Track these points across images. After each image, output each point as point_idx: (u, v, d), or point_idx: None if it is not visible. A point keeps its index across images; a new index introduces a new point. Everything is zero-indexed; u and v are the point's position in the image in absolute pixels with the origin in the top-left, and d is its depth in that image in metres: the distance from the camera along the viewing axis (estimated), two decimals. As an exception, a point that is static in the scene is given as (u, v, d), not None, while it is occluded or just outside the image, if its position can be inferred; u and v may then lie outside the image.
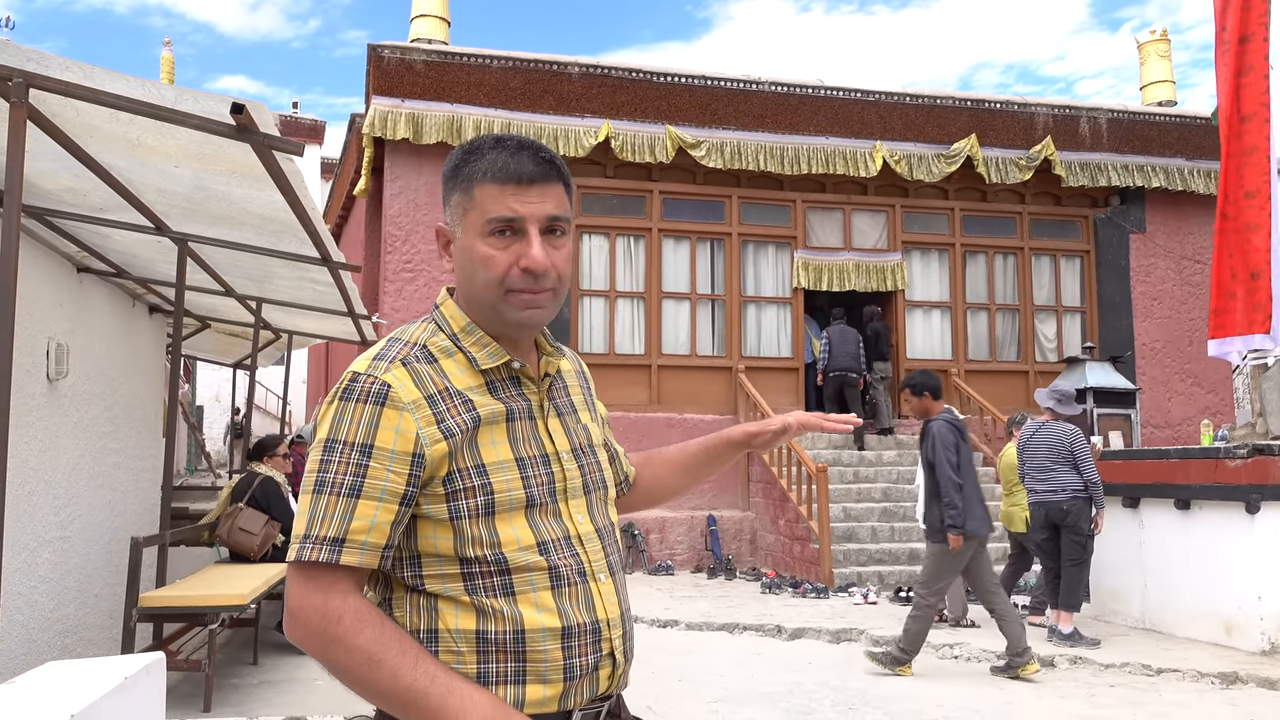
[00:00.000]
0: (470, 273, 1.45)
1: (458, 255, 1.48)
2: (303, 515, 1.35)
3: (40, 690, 2.79)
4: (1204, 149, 14.00)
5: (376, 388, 1.36)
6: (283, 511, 7.06)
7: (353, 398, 1.36)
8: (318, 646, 1.34)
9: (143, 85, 3.17)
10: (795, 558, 10.76)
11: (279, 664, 6.40)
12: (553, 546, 1.42)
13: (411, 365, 1.40)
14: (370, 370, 1.38)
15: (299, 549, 1.33)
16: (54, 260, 6.04)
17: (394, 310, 11.86)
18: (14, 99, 3.03)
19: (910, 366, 13.65)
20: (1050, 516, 7.34)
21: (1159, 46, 14.63)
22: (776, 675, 6.37)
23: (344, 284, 6.77)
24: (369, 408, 1.35)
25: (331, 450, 1.35)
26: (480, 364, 1.45)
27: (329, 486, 1.33)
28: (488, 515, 1.39)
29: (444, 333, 1.48)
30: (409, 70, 11.94)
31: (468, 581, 1.38)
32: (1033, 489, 7.48)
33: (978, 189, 13.99)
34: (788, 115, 12.96)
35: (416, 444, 1.35)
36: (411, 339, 1.46)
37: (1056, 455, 7.32)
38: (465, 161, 1.47)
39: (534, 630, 1.37)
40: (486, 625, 1.37)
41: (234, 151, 3.70)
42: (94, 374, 6.87)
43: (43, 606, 6.06)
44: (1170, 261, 14.39)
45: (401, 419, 1.35)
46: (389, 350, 1.43)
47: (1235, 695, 5.91)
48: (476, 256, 1.43)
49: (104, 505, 7.18)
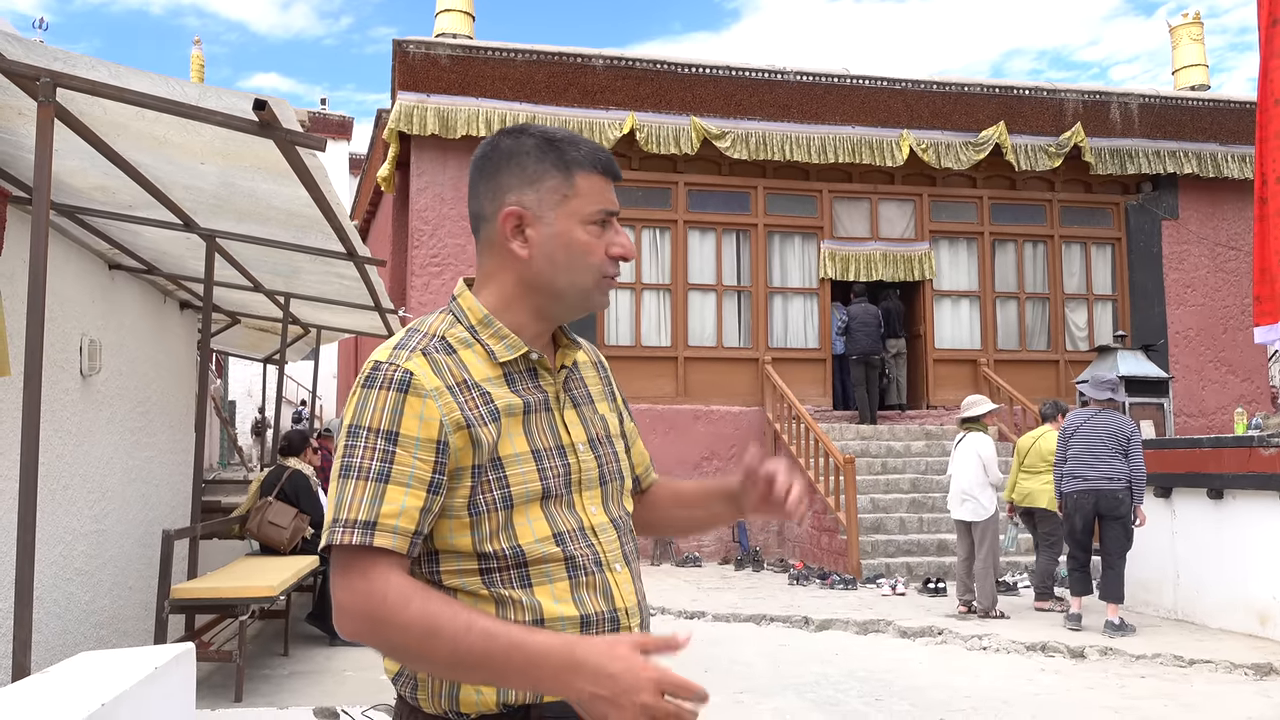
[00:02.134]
0: (563, 259, 1.46)
1: (545, 240, 1.46)
2: (332, 501, 1.36)
3: (73, 680, 2.84)
4: (1238, 133, 13.78)
5: (399, 375, 1.37)
6: (311, 505, 7.14)
7: (375, 385, 1.37)
8: (369, 631, 1.32)
9: (167, 83, 3.21)
10: (823, 549, 10.73)
11: (309, 655, 6.47)
12: (568, 537, 1.43)
13: (431, 355, 1.41)
14: (392, 359, 1.39)
15: (330, 533, 1.34)
16: (86, 257, 6.13)
17: (420, 304, 11.93)
18: (41, 98, 3.08)
19: (939, 357, 13.58)
20: (1101, 504, 7.22)
21: (1191, 30, 14.40)
22: (803, 666, 6.36)
23: (370, 278, 6.82)
24: (392, 394, 1.36)
25: (356, 436, 1.36)
26: (498, 356, 1.46)
27: (355, 471, 1.34)
28: (505, 509, 1.39)
29: (461, 324, 1.48)
30: (434, 65, 11.99)
31: (485, 576, 1.39)
32: (1082, 475, 7.29)
33: (1006, 177, 13.86)
34: (813, 105, 12.89)
35: (440, 431, 1.36)
36: (430, 330, 1.47)
37: (1114, 443, 7.24)
38: (560, 148, 1.47)
39: (552, 619, 1.38)
40: (506, 615, 1.37)
41: (258, 148, 3.73)
42: (126, 370, 6.97)
43: (79, 598, 6.17)
44: (1204, 248, 14.18)
45: (425, 406, 1.36)
46: (409, 340, 1.44)
47: (1269, 686, 5.84)
48: (576, 243, 1.45)
49: (138, 499, 7.29)
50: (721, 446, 12.49)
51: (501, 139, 1.52)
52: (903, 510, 11.01)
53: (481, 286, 1.52)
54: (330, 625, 6.88)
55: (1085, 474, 7.27)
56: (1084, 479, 7.27)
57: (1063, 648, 6.74)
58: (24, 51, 3.14)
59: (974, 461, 7.96)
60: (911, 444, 12.31)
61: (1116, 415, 7.46)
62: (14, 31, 3.50)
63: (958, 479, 8.13)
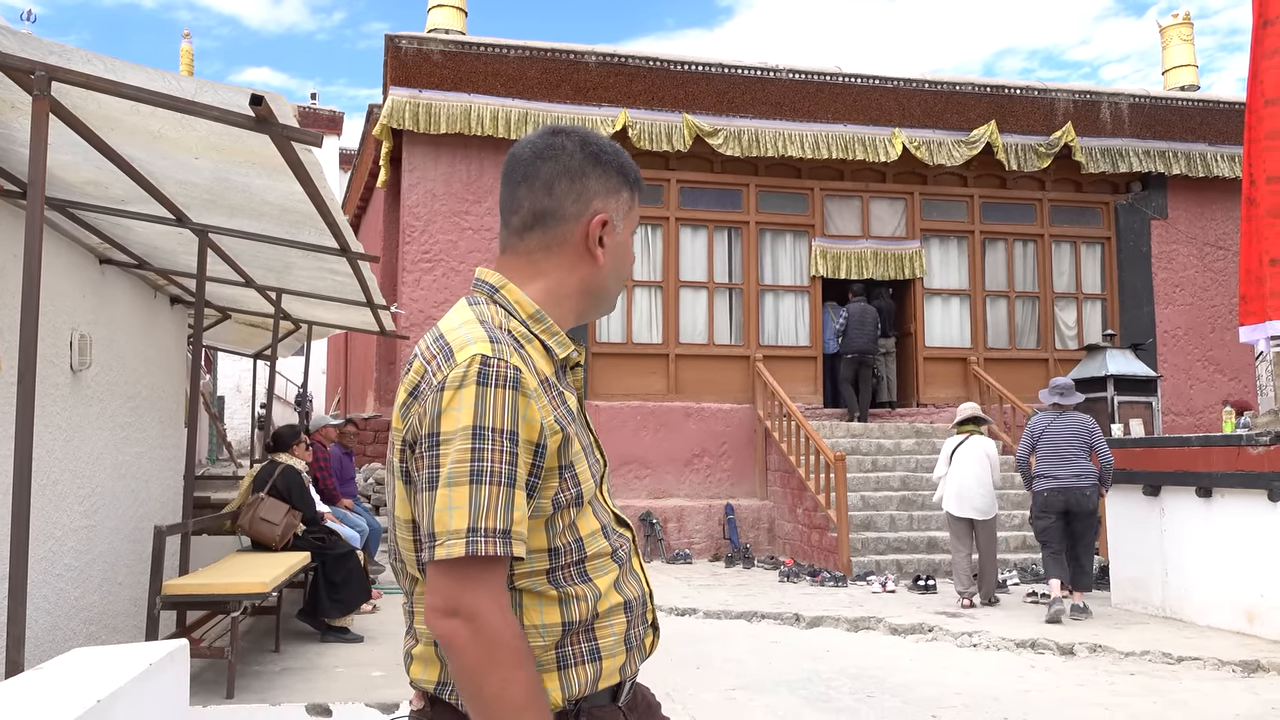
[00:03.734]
0: (619, 266, 1.56)
1: (615, 248, 1.54)
2: (462, 508, 1.26)
3: (67, 676, 2.84)
4: (1227, 134, 13.84)
5: (511, 373, 1.31)
6: (303, 501, 7.12)
7: (490, 382, 1.30)
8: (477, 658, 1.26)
9: (163, 78, 3.20)
10: (813, 546, 10.75)
11: (300, 651, 6.46)
12: (609, 531, 1.48)
13: (519, 352, 1.37)
14: (499, 354, 1.32)
15: (470, 543, 1.24)
16: (77, 252, 6.10)
17: (412, 300, 11.91)
18: (36, 92, 3.06)
19: (929, 355, 13.62)
20: (1070, 501, 7.72)
21: (1181, 30, 14.46)
22: (795, 663, 6.38)
23: (363, 274, 6.81)
24: (509, 393, 1.30)
25: (481, 437, 1.27)
26: (557, 353, 1.46)
27: (488, 476, 1.27)
28: (578, 505, 1.41)
29: (515, 319, 1.45)
30: (426, 61, 11.96)
31: (550, 575, 1.39)
32: (1053, 474, 7.82)
33: (997, 176, 13.90)
34: (806, 103, 12.90)
35: (541, 434, 1.33)
36: (497, 322, 1.41)
37: (1080, 442, 7.83)
38: (625, 164, 1.55)
39: (605, 609, 1.42)
40: (570, 615, 1.39)
41: (253, 143, 3.72)
42: (116, 365, 6.94)
43: (68, 594, 6.14)
44: (1193, 248, 14.25)
45: (529, 407, 1.32)
46: (492, 332, 1.37)
47: (1256, 684, 5.88)
48: (630, 254, 1.59)
49: (127, 494, 7.26)
50: (712, 444, 12.50)
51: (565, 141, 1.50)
52: (893, 508, 11.05)
53: (528, 281, 1.49)
54: (320, 621, 6.89)
55: (1055, 473, 7.81)
56: (1054, 478, 7.80)
57: (1052, 645, 6.77)
58: (19, 44, 3.12)
59: (983, 462, 8.36)
60: (902, 442, 12.34)
61: (1078, 415, 8.00)
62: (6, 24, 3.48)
63: (962, 479, 8.38)
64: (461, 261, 12.17)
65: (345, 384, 19.78)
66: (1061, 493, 7.72)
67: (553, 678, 1.37)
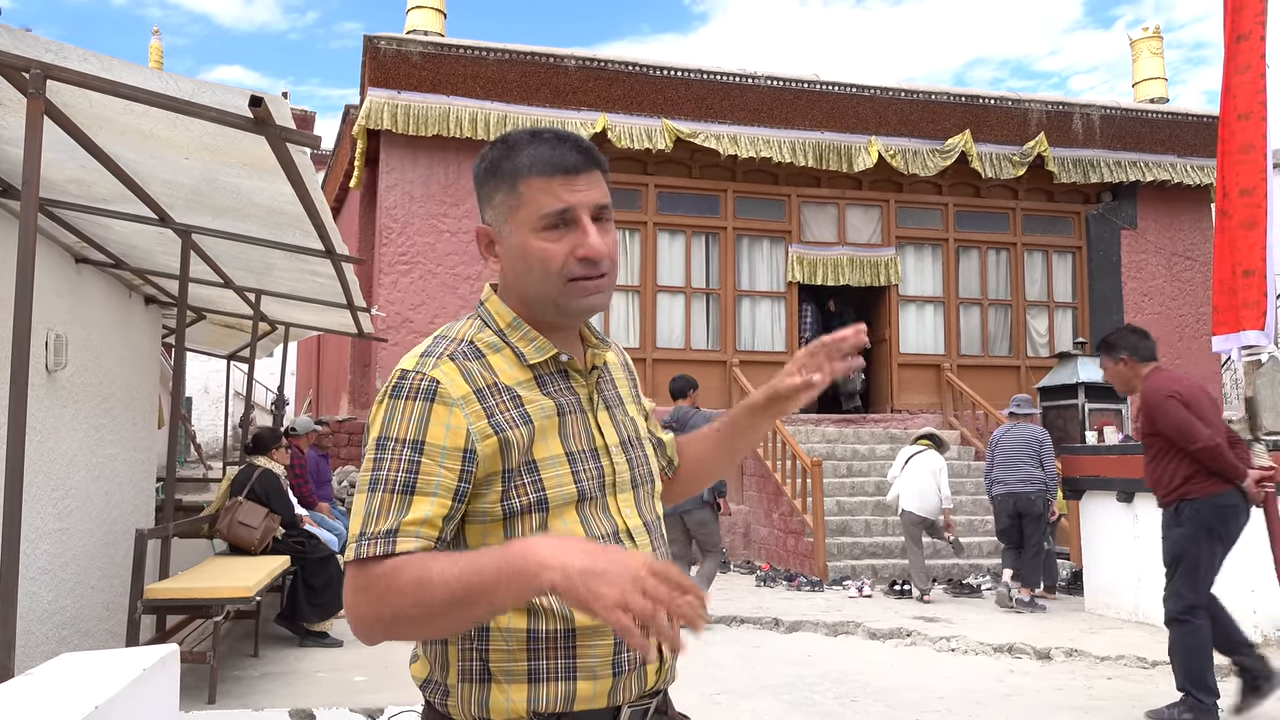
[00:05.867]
0: (524, 270, 1.45)
1: (507, 254, 1.47)
2: (358, 514, 1.34)
3: (59, 682, 2.80)
4: (1195, 146, 14.09)
5: (425, 384, 1.36)
6: (282, 504, 7.05)
7: (402, 395, 1.36)
8: (377, 617, 1.30)
9: (160, 77, 3.16)
10: (789, 551, 10.80)
11: (280, 656, 6.40)
12: (602, 542, 1.42)
13: (459, 361, 1.40)
14: (419, 367, 1.38)
15: (357, 546, 1.32)
16: (54, 251, 6.00)
17: (389, 303, 11.84)
18: (31, 90, 3.02)
19: (903, 361, 13.74)
20: (1019, 504, 8.50)
21: (1151, 44, 14.70)
22: (777, 668, 6.40)
23: (345, 276, 6.76)
24: (419, 404, 1.35)
25: (384, 448, 1.35)
26: (528, 359, 1.46)
27: (383, 484, 1.33)
28: (541, 511, 1.39)
29: (490, 329, 1.48)
30: (405, 62, 11.91)
31: None
32: (1003, 480, 8.61)
33: (971, 184, 14.05)
34: (783, 109, 12.98)
35: (467, 440, 1.35)
36: (458, 335, 1.46)
37: (1029, 451, 8.60)
38: (504, 158, 1.46)
39: (584, 628, 1.38)
40: (537, 625, 1.37)
41: (247, 144, 3.69)
42: (91, 365, 6.84)
43: (41, 598, 6.04)
44: (1161, 258, 14.48)
45: (451, 415, 1.35)
46: (436, 347, 1.43)
47: (1231, 687, 5.96)
48: (532, 253, 1.42)
49: (101, 496, 7.15)
50: (689, 448, 12.51)
51: (479, 158, 1.52)
52: (868, 513, 11.11)
53: (504, 292, 1.52)
54: (299, 626, 6.82)
55: (1005, 479, 8.62)
56: (1004, 484, 8.61)
57: (1029, 649, 6.85)
58: (12, 41, 3.07)
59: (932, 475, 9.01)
60: (876, 447, 12.43)
61: (1031, 426, 8.83)
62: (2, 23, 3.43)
63: (921, 481, 9.00)
64: (439, 264, 12.11)
65: (317, 386, 19.62)
66: (1010, 496, 8.52)
67: (521, 689, 1.36)
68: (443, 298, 12.06)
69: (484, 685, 1.38)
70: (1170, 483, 5.35)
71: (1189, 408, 5.26)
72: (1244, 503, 5.28)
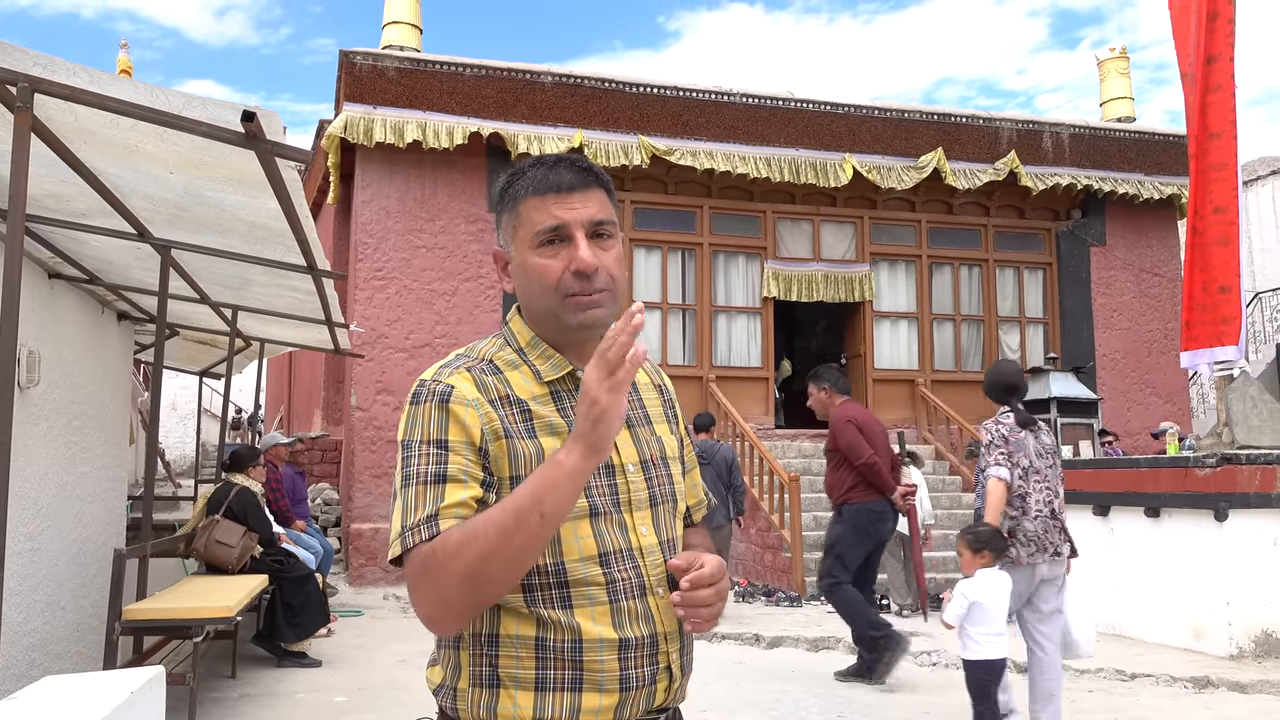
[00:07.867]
0: (527, 287, 1.50)
1: (516, 274, 1.53)
2: (397, 513, 1.39)
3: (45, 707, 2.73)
4: (1162, 164, 14.32)
5: (441, 389, 1.43)
6: (260, 523, 6.96)
7: (420, 401, 1.44)
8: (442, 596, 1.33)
9: (150, 91, 3.12)
10: (767, 566, 10.80)
11: (258, 677, 6.30)
12: (614, 558, 1.44)
13: (475, 373, 1.46)
14: (436, 376, 1.46)
15: (402, 539, 1.36)
16: (28, 266, 5.89)
17: (364, 318, 11.74)
18: (19, 104, 2.97)
19: (878, 377, 13.82)
20: None
21: (1118, 64, 14.94)
22: (761, 684, 6.39)
23: (325, 292, 6.71)
24: (435, 407, 1.42)
25: (409, 449, 1.42)
26: (545, 376, 1.49)
27: (415, 478, 1.39)
28: None
29: (511, 347, 1.53)
30: (381, 77, 11.86)
31: (527, 594, 1.41)
32: None
33: (944, 202, 14.20)
34: (759, 127, 13.05)
35: (481, 437, 1.41)
36: (479, 354, 1.52)
37: None
38: (509, 184, 1.54)
39: (591, 641, 1.40)
40: (546, 634, 1.40)
41: (235, 159, 3.65)
42: (63, 382, 6.72)
43: (10, 620, 5.89)
44: (1129, 274, 14.69)
45: (466, 413, 1.41)
46: (455, 361, 1.50)
47: (1208, 699, 6.04)
48: (531, 270, 1.48)
49: (72, 515, 7.01)
50: (666, 464, 12.50)
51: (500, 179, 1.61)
52: (845, 528, 11.13)
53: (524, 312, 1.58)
54: (277, 646, 6.72)
55: None
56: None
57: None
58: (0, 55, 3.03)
59: None
60: (852, 462, 12.46)
61: None
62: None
63: None
64: (415, 280, 12.05)
65: (289, 402, 19.42)
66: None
67: (528, 696, 1.39)
68: (418, 313, 11.99)
69: (493, 691, 1.41)
70: (840, 488, 6.59)
71: (862, 432, 6.49)
72: (892, 510, 6.60)
